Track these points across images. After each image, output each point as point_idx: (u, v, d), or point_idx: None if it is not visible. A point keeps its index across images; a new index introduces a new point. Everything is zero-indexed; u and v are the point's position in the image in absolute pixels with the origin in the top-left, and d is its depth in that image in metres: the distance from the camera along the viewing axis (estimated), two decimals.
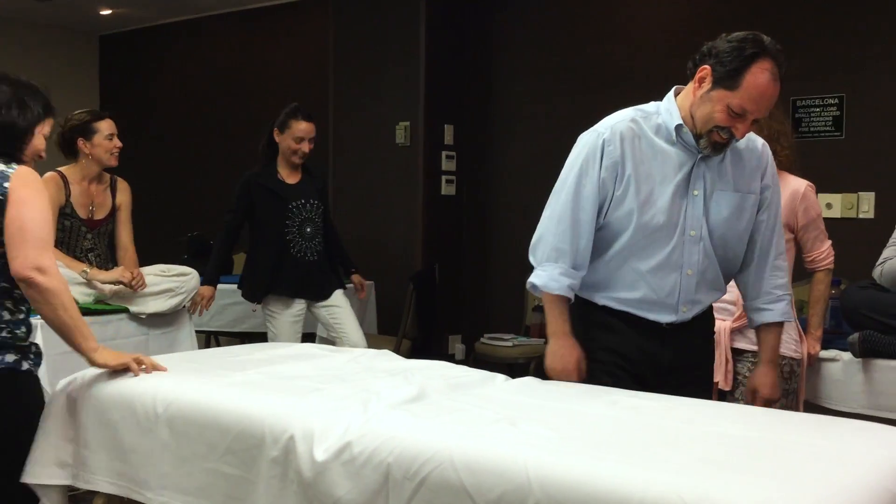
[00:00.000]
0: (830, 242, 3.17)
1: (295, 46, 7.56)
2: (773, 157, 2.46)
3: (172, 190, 8.37)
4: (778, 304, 2.46)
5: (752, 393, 2.52)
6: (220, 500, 2.00)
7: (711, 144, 2.26)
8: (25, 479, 2.24)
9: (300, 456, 1.85)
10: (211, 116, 8.01)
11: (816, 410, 2.99)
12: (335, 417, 1.89)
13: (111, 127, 3.77)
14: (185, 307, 3.93)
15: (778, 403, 2.84)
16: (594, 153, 2.33)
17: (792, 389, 3.00)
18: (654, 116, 2.35)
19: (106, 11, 8.19)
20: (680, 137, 2.31)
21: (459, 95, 6.33)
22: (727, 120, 2.20)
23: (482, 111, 6.34)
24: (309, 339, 4.62)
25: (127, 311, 3.66)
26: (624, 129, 2.32)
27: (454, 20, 6.27)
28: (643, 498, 1.47)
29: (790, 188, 3.00)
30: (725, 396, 2.98)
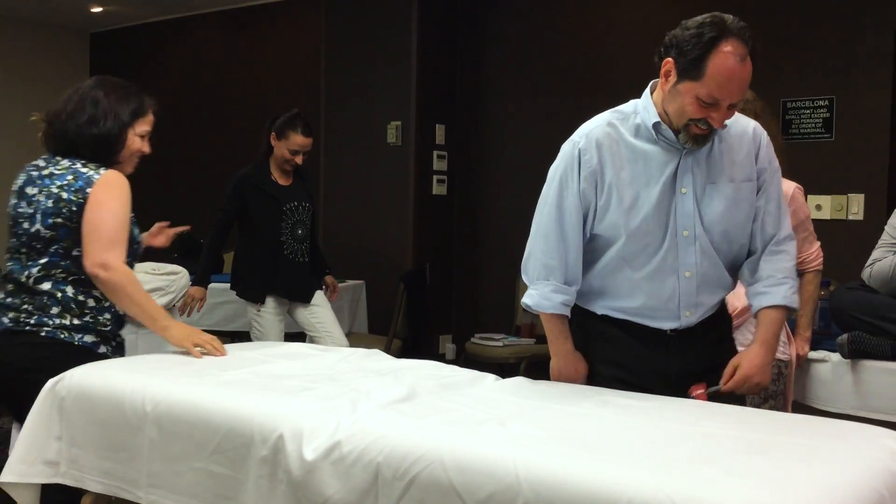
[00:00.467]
0: (819, 244, 3.18)
1: (286, 45, 7.55)
2: (768, 136, 2.30)
3: (162, 188, 8.32)
4: (779, 287, 2.26)
5: (732, 369, 2.25)
6: (208, 499, 2.00)
7: (692, 138, 2.14)
8: (8, 477, 2.23)
9: (289, 455, 1.84)
10: (201, 115, 7.99)
11: (805, 411, 3.00)
12: (325, 417, 1.88)
13: None
14: (175, 306, 3.91)
15: (767, 404, 2.83)
16: (572, 164, 2.24)
17: (780, 391, 3.01)
18: (631, 117, 2.24)
19: (97, 9, 8.16)
20: (661, 135, 2.19)
21: (451, 95, 6.33)
22: (700, 111, 2.09)
23: (474, 111, 6.35)
24: (298, 338, 4.62)
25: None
26: (600, 134, 2.23)
27: (446, 20, 6.28)
28: (632, 498, 1.47)
29: None
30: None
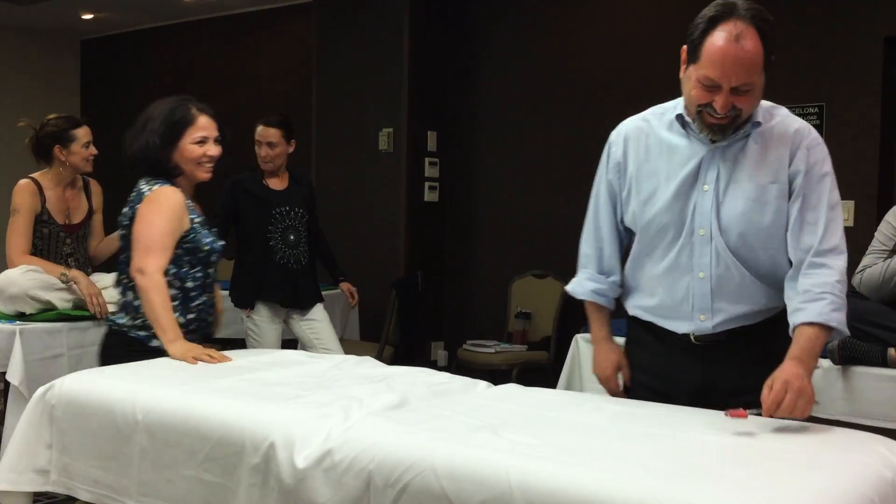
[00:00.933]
0: None
1: (278, 52, 7.55)
2: (816, 141, 2.13)
3: None
4: (815, 303, 2.03)
5: (767, 389, 1.92)
6: None
7: (708, 127, 2.08)
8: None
9: (281, 463, 1.84)
10: None
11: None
12: (316, 424, 1.88)
13: (88, 134, 3.73)
14: None
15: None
16: (604, 156, 2.31)
17: None
18: (669, 111, 2.21)
19: (88, 16, 8.15)
20: (689, 128, 2.15)
21: (443, 102, 6.34)
22: (704, 96, 2.04)
23: (466, 118, 6.35)
24: (292, 344, 4.60)
25: (107, 318, 3.63)
26: (630, 128, 2.26)
27: (438, 27, 6.28)
28: None
29: None
30: None
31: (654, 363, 2.28)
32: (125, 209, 2.76)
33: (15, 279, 3.44)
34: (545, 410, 2.04)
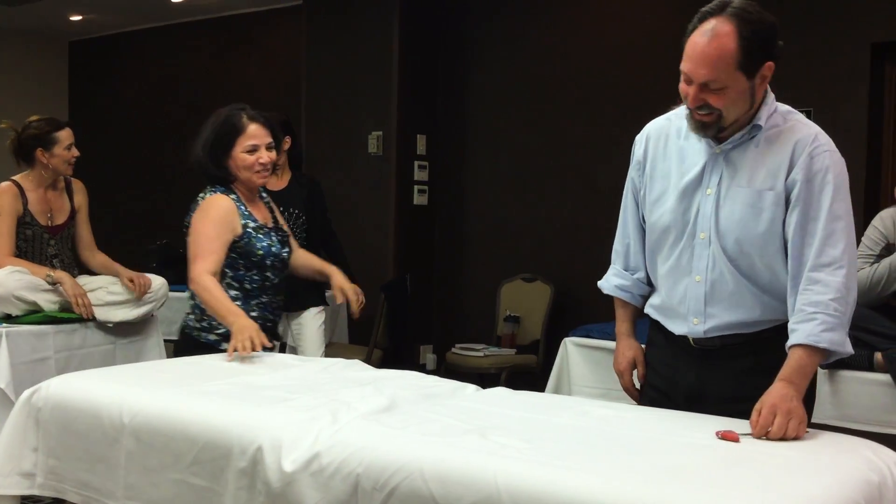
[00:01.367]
0: None
1: (267, 55, 7.54)
2: (822, 149, 2.05)
3: (142, 197, 8.30)
4: (805, 323, 1.97)
5: (756, 414, 1.90)
6: None
7: (697, 125, 2.08)
8: None
9: (268, 467, 1.83)
10: (182, 124, 7.95)
11: None
12: (304, 428, 1.87)
13: (70, 136, 3.72)
14: (153, 316, 3.89)
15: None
16: (631, 155, 2.34)
17: None
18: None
19: (76, 17, 8.12)
20: None
21: (432, 106, 6.34)
22: (683, 88, 2.06)
23: (455, 121, 6.36)
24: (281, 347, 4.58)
25: (94, 319, 3.62)
26: (654, 128, 2.29)
27: (427, 30, 6.29)
28: None
29: None
30: None
31: (660, 362, 2.31)
32: (186, 217, 2.90)
33: (1, 280, 3.42)
34: (533, 414, 2.04)
